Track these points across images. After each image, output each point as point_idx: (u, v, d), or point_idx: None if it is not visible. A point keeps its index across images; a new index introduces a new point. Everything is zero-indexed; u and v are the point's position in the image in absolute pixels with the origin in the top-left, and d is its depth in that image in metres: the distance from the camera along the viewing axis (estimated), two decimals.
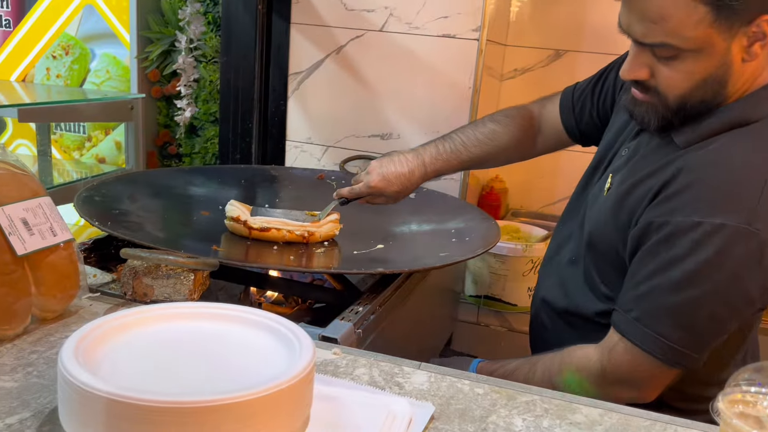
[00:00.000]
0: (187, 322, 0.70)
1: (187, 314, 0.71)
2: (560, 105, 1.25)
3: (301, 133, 1.81)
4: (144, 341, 0.66)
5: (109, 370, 0.59)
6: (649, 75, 0.90)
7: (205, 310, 0.72)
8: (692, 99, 0.89)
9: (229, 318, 0.71)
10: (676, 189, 0.88)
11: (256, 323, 0.69)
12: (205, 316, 0.71)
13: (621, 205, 0.96)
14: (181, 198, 1.37)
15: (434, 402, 0.70)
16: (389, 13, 1.67)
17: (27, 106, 1.84)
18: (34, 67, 2.36)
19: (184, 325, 0.69)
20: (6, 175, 0.79)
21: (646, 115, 0.93)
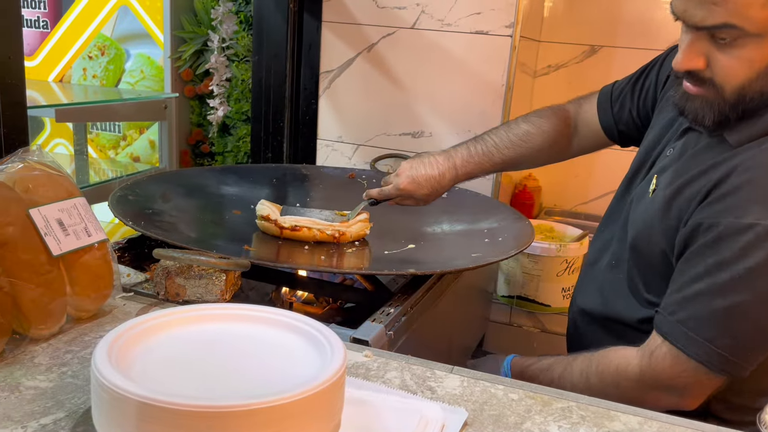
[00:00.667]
0: (218, 324, 0.70)
1: (218, 316, 0.71)
2: (598, 104, 1.22)
3: (332, 132, 1.81)
4: (176, 343, 0.65)
5: (141, 373, 0.59)
6: (706, 65, 0.85)
7: (236, 311, 0.71)
8: (751, 91, 0.84)
9: (261, 320, 0.70)
10: (728, 189, 0.84)
11: (288, 325, 0.69)
12: (236, 318, 0.71)
13: (669, 207, 0.92)
14: (214, 197, 1.38)
15: (467, 407, 0.69)
16: (421, 10, 1.65)
17: (64, 106, 1.87)
18: (71, 68, 2.40)
19: (216, 327, 0.69)
20: (42, 176, 0.80)
21: (701, 111, 0.88)
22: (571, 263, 1.74)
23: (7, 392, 0.65)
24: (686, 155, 0.96)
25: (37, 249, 0.74)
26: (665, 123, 1.05)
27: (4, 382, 0.67)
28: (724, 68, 0.84)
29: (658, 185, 0.98)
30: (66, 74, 2.41)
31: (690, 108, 0.90)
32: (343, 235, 1.15)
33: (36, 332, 0.75)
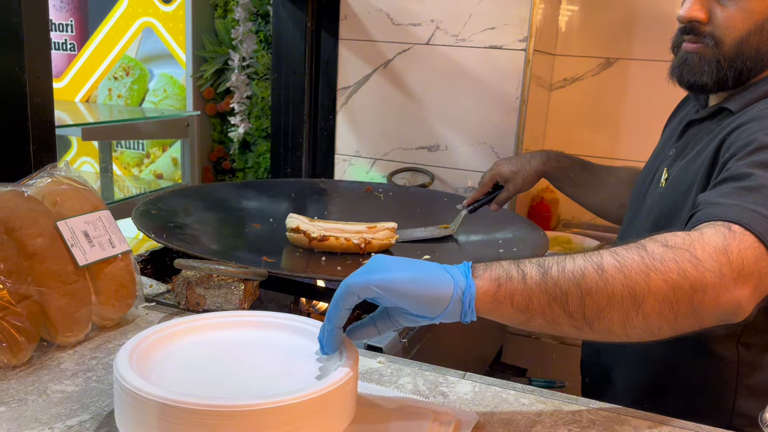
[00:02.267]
0: (236, 330, 0.72)
1: (236, 323, 0.73)
2: None
3: (350, 147, 1.84)
4: (195, 348, 0.68)
5: (161, 376, 0.62)
6: (707, 18, 0.90)
7: (253, 318, 0.74)
8: (749, 46, 0.88)
9: (276, 326, 0.73)
10: (744, 125, 0.85)
11: (302, 331, 0.71)
12: (253, 325, 0.73)
13: (686, 174, 0.93)
14: (234, 211, 1.41)
15: (478, 411, 0.71)
16: (435, 26, 1.68)
17: (90, 125, 1.93)
18: (97, 88, 2.47)
19: (233, 333, 0.72)
20: (69, 190, 0.84)
21: (699, 69, 0.92)
22: None
23: (35, 395, 0.68)
24: (690, 144, 0.98)
25: (64, 259, 0.77)
26: (666, 135, 1.08)
27: (32, 386, 0.70)
28: (724, 19, 0.89)
29: (670, 174, 0.99)
30: (92, 94, 2.49)
31: (688, 69, 0.94)
32: (369, 243, 1.17)
33: (63, 339, 0.78)
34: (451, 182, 1.74)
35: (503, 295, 0.64)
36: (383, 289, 0.62)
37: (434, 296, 0.62)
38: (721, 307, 0.67)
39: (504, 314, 0.65)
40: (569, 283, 0.64)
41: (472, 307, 0.63)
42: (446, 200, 1.53)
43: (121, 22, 2.38)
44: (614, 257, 0.66)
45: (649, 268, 0.65)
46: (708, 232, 0.69)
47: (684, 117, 1.09)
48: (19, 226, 0.75)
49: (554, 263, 0.66)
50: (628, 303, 0.64)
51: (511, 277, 0.64)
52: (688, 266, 0.65)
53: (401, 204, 1.51)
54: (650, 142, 2.16)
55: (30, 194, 0.80)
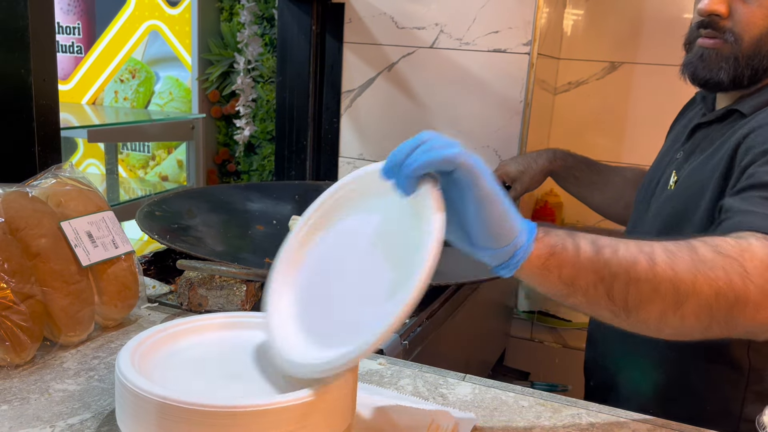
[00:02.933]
0: (237, 331, 0.73)
1: (237, 324, 0.74)
2: None
3: (354, 149, 1.85)
4: (197, 349, 0.68)
5: (163, 375, 0.62)
6: (728, 13, 0.90)
7: (253, 319, 0.74)
8: (766, 45, 0.89)
9: None
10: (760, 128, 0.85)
11: None
12: (255, 326, 0.73)
13: (696, 177, 0.94)
14: (238, 213, 1.41)
15: (477, 413, 0.71)
16: (440, 29, 1.69)
17: (96, 127, 1.94)
18: (104, 91, 2.49)
19: (235, 334, 0.72)
20: (73, 191, 0.84)
21: (716, 65, 0.92)
22: None
23: (38, 394, 0.69)
24: (700, 146, 0.98)
25: (67, 260, 0.78)
26: (672, 138, 1.08)
27: (35, 385, 0.71)
28: (745, 15, 0.89)
29: (679, 176, 0.99)
30: (99, 97, 2.50)
31: (705, 65, 0.94)
32: None
33: (66, 339, 0.78)
34: None
35: (553, 264, 0.62)
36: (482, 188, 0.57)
37: (505, 225, 0.60)
38: (756, 323, 0.67)
39: (547, 283, 0.64)
40: (619, 267, 0.63)
41: (518, 265, 0.61)
42: None
43: (128, 25, 2.40)
44: (666, 252, 0.65)
45: (699, 270, 0.64)
46: (755, 244, 0.68)
47: (690, 120, 1.10)
48: (24, 227, 0.76)
49: (607, 244, 0.64)
50: (671, 300, 0.64)
51: (566, 248, 0.62)
52: (735, 277, 0.65)
53: None
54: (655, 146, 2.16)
55: (34, 195, 0.81)
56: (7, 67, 0.96)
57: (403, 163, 0.59)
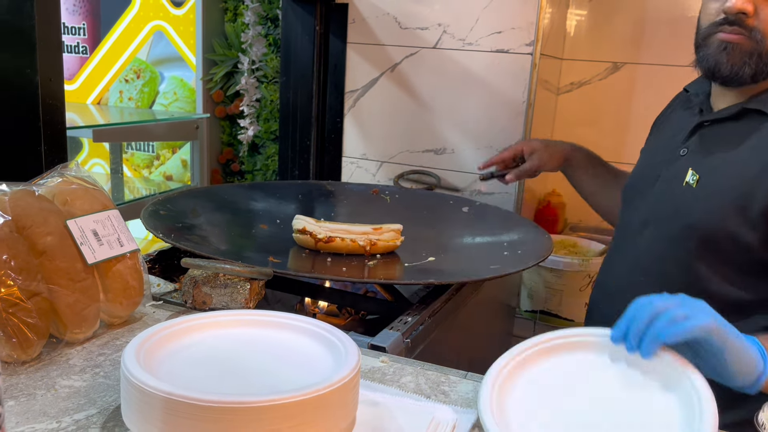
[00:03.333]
0: (240, 329, 0.73)
1: (241, 321, 0.74)
2: None
3: (357, 149, 1.85)
4: (201, 346, 0.69)
5: (167, 371, 0.63)
6: (753, 11, 0.93)
7: (257, 317, 0.75)
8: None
9: (280, 325, 0.74)
10: None
11: (305, 330, 0.72)
12: (257, 324, 0.74)
13: (725, 175, 0.97)
14: (242, 212, 1.42)
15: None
16: (443, 30, 1.69)
17: (101, 126, 1.96)
18: (108, 91, 2.50)
19: (238, 331, 0.73)
20: (79, 189, 0.85)
21: (739, 60, 0.95)
22: (594, 278, 1.74)
23: (44, 390, 0.70)
24: (714, 143, 1.01)
25: (73, 257, 0.79)
26: (666, 135, 1.09)
27: (41, 381, 0.72)
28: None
29: (700, 174, 1.01)
30: (104, 97, 2.51)
31: (729, 59, 0.96)
32: (375, 245, 1.18)
33: (72, 336, 0.79)
34: (457, 185, 1.74)
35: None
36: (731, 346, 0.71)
37: (750, 364, 0.73)
38: None
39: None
40: None
41: (761, 386, 0.74)
42: (452, 203, 1.54)
43: (133, 26, 2.41)
44: None
45: None
46: None
47: (685, 118, 1.10)
48: (30, 225, 0.76)
49: None
50: None
51: None
52: None
53: (407, 206, 1.52)
54: None
55: (41, 193, 0.81)
56: (14, 67, 0.97)
57: (646, 333, 0.71)
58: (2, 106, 1.00)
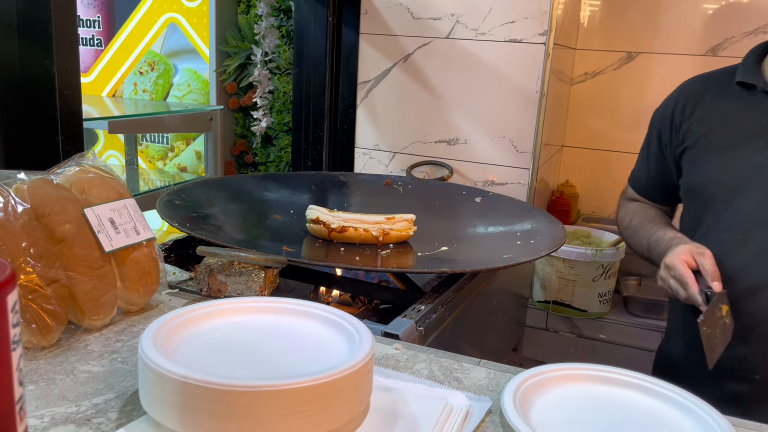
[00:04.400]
0: (255, 315, 0.74)
1: (256, 308, 0.75)
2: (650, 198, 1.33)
3: (370, 140, 1.86)
4: (217, 332, 0.70)
5: (184, 356, 0.64)
6: None
7: (272, 304, 0.76)
8: None
9: (295, 312, 0.75)
10: None
11: (320, 317, 0.73)
12: (272, 310, 0.75)
13: None
14: (256, 203, 1.43)
15: (492, 397, 0.72)
16: (456, 20, 1.69)
17: (116, 118, 1.97)
18: (123, 83, 2.52)
19: (253, 318, 0.74)
20: (96, 178, 0.86)
21: None
22: (607, 268, 1.74)
23: (63, 375, 0.71)
24: None
25: (91, 245, 0.80)
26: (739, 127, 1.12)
27: (60, 366, 0.73)
28: None
29: None
30: (118, 89, 2.53)
31: None
32: (387, 234, 1.18)
33: (89, 322, 0.80)
34: (469, 176, 1.74)
35: None
36: None
37: None
38: None
39: None
40: None
41: None
42: (465, 193, 1.54)
43: (147, 18, 2.42)
44: None
45: None
46: None
47: (752, 108, 1.11)
48: (49, 213, 0.77)
49: None
50: None
51: None
52: None
53: (420, 197, 1.53)
54: None
55: (59, 182, 0.83)
56: (31, 58, 0.98)
57: None
58: (21, 97, 1.01)
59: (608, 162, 2.18)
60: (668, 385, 0.72)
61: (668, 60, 2.05)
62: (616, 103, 2.15)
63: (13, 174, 0.81)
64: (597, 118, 2.18)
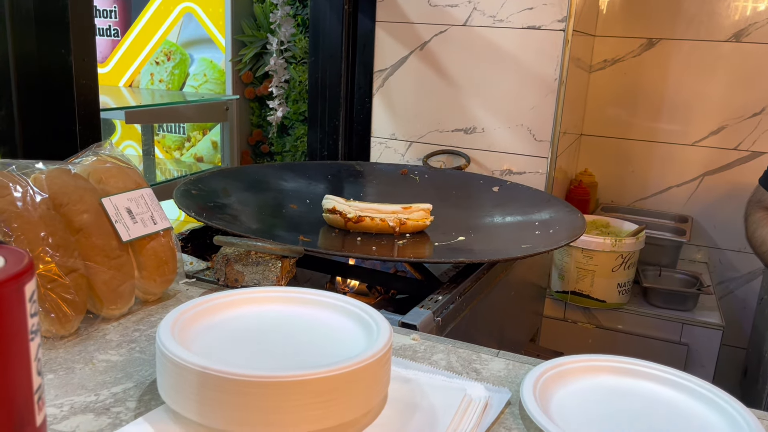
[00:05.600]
0: (272, 305, 0.74)
1: (273, 298, 0.75)
2: None
3: (386, 129, 1.84)
4: (233, 321, 0.70)
5: (201, 346, 0.64)
6: None
7: (290, 294, 0.75)
8: None
9: (312, 302, 0.74)
10: None
11: (337, 307, 0.73)
12: (289, 300, 0.75)
13: None
14: (272, 192, 1.43)
15: (511, 388, 0.71)
16: (473, 7, 1.67)
17: (133, 108, 1.98)
18: (140, 73, 2.52)
19: (271, 308, 0.74)
20: (113, 168, 0.86)
21: None
22: (626, 258, 1.72)
23: (82, 364, 0.71)
24: None
25: (108, 235, 0.80)
26: None
27: (79, 355, 0.73)
28: None
29: None
30: (135, 79, 2.54)
31: None
32: (404, 224, 1.18)
33: (108, 312, 0.81)
34: (487, 165, 1.73)
35: None
36: None
37: None
38: None
39: None
40: None
41: None
42: (482, 182, 1.53)
43: (163, 8, 2.42)
44: None
45: None
46: None
47: None
48: (67, 202, 0.78)
49: None
50: None
51: None
52: None
53: (436, 186, 1.51)
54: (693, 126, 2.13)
55: (76, 172, 0.83)
56: (48, 47, 0.98)
57: None
58: (38, 88, 1.01)
59: (628, 151, 2.16)
60: (691, 377, 0.71)
61: (690, 46, 2.02)
62: (636, 91, 2.11)
63: (32, 164, 0.81)
64: (616, 106, 2.15)
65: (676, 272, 1.95)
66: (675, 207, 2.15)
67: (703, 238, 2.15)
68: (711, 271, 2.13)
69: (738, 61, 1.96)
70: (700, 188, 2.12)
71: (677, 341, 1.77)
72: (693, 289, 1.83)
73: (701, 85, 2.03)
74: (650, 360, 0.75)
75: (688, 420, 0.66)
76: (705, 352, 1.76)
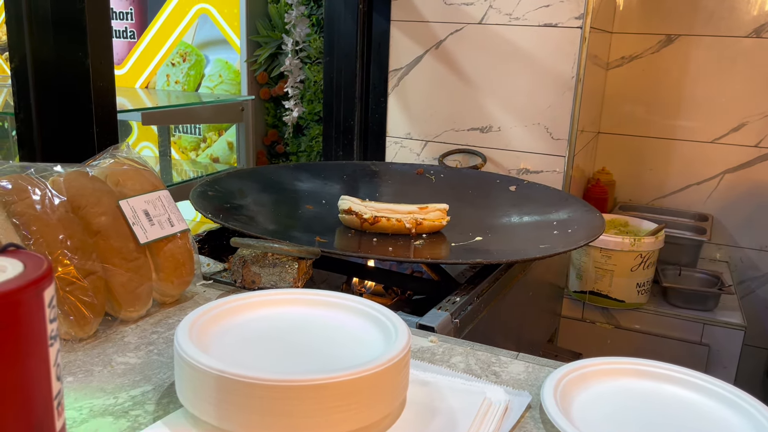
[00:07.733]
0: (290, 308, 0.74)
1: (290, 300, 0.75)
2: None
3: (401, 129, 1.84)
4: (251, 323, 0.70)
5: (219, 349, 0.64)
6: None
7: (307, 296, 0.75)
8: None
9: (330, 304, 0.74)
10: None
11: (355, 309, 0.72)
12: (307, 302, 0.74)
13: None
14: (288, 193, 1.43)
15: (531, 392, 0.70)
16: (488, 5, 1.66)
17: (149, 110, 1.99)
18: (156, 75, 2.54)
19: (288, 310, 0.73)
20: (130, 170, 0.86)
21: None
22: (646, 258, 1.70)
23: (101, 366, 0.71)
24: None
25: (126, 237, 0.80)
26: None
27: (98, 357, 0.73)
28: None
29: None
30: (151, 81, 2.55)
31: None
32: (420, 224, 1.17)
33: (126, 314, 0.81)
34: (503, 164, 1.72)
35: None
36: None
37: None
38: None
39: None
40: None
41: None
42: (498, 182, 1.52)
43: (178, 10, 2.43)
44: None
45: None
46: None
47: None
48: (84, 205, 0.78)
49: None
50: None
51: None
52: None
53: (453, 186, 1.50)
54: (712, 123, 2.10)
55: (94, 174, 0.83)
56: (65, 51, 0.99)
57: None
58: (56, 90, 1.02)
59: (646, 148, 2.13)
60: (713, 379, 0.70)
61: (709, 42, 1.99)
62: (655, 88, 2.09)
63: (50, 167, 0.81)
64: (634, 103, 2.13)
65: (697, 272, 1.92)
66: (695, 205, 2.12)
67: (724, 237, 2.12)
68: (732, 271, 2.10)
69: (759, 57, 1.93)
70: (720, 186, 2.09)
71: (698, 342, 1.75)
72: (714, 288, 1.80)
73: (721, 82, 2.00)
74: (670, 361, 0.73)
75: (711, 423, 0.65)
76: (726, 352, 1.74)
